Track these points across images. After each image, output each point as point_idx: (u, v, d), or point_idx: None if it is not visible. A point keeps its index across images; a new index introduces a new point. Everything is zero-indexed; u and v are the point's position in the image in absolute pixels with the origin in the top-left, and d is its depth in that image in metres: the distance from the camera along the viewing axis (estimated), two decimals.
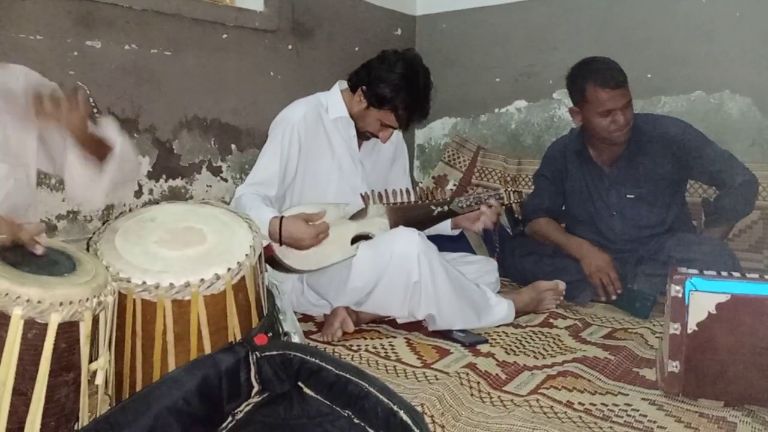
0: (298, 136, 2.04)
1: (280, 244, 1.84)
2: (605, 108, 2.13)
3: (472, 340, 1.83)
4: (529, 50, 3.25)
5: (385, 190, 2.02)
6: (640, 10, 2.91)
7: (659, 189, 2.26)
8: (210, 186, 2.59)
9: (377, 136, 2.07)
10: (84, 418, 1.13)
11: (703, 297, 1.40)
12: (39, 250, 1.12)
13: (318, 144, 2.09)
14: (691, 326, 1.41)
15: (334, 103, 2.12)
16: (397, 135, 2.33)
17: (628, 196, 2.29)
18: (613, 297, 2.18)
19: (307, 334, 1.91)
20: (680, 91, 2.84)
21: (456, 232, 2.19)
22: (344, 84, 2.11)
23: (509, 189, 2.08)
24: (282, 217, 1.84)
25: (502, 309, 2.00)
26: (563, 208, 2.49)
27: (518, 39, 3.28)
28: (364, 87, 1.99)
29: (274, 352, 1.26)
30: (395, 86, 1.94)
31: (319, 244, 1.86)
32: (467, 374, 1.58)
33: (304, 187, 2.10)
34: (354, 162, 2.14)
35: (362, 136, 2.12)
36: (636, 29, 2.91)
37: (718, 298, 1.39)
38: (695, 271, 1.47)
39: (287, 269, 1.89)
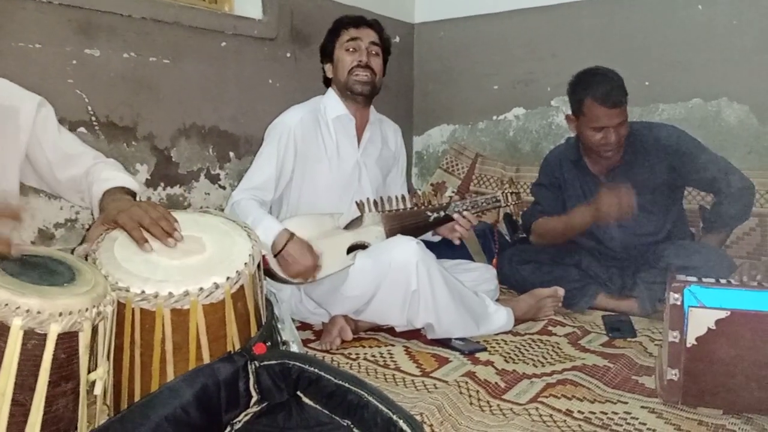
0: (294, 139, 2.05)
1: (275, 256, 1.84)
2: (599, 124, 2.13)
3: (471, 348, 1.83)
4: (527, 58, 3.26)
5: (381, 198, 2.02)
6: (638, 18, 2.92)
7: (656, 197, 2.27)
8: (208, 194, 2.59)
9: (359, 68, 2.07)
10: (82, 429, 1.13)
11: (702, 313, 1.40)
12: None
13: (316, 147, 2.09)
14: (691, 341, 1.41)
15: (332, 103, 2.13)
16: (397, 138, 2.34)
17: None
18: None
19: (305, 342, 1.91)
20: (678, 98, 2.85)
21: (437, 238, 2.19)
22: None
23: (506, 191, 2.08)
24: (292, 234, 1.84)
25: (501, 317, 2.00)
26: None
27: (517, 47, 3.29)
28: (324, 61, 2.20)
29: (273, 362, 1.26)
30: (328, 32, 2.16)
31: (304, 279, 1.87)
32: (466, 383, 1.58)
33: (302, 190, 2.11)
34: (353, 163, 2.15)
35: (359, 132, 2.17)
36: (634, 37, 2.93)
37: (717, 315, 1.39)
38: (694, 279, 1.47)
39: (284, 281, 1.89)
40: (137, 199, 1.49)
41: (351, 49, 2.08)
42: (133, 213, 1.32)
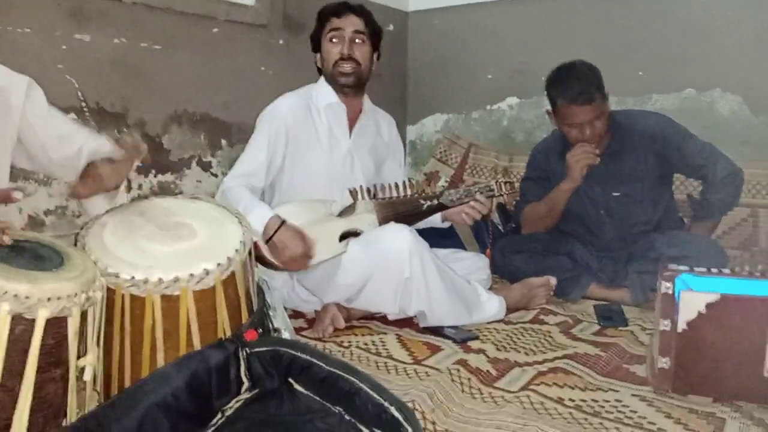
0: (285, 127, 2.04)
1: (266, 243, 1.83)
2: (572, 121, 2.15)
3: (463, 337, 1.83)
4: (521, 47, 3.25)
5: (374, 185, 2.02)
6: (632, 9, 2.91)
7: (645, 186, 2.27)
8: (200, 181, 2.57)
9: (342, 60, 2.05)
10: (72, 415, 1.12)
11: (693, 296, 1.41)
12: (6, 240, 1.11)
13: (307, 135, 2.08)
14: (682, 325, 1.42)
15: (323, 90, 2.12)
16: (391, 129, 2.33)
17: (613, 194, 2.29)
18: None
19: (297, 330, 1.91)
20: (672, 89, 2.85)
21: (447, 224, 2.19)
22: None
23: (500, 180, 2.08)
24: (284, 221, 1.83)
25: (493, 305, 2.00)
26: None
27: (511, 36, 3.28)
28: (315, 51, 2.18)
29: (264, 348, 1.26)
30: (316, 21, 2.14)
31: (295, 267, 1.86)
32: (458, 370, 1.58)
33: (293, 177, 2.10)
34: (345, 151, 2.13)
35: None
36: (628, 28, 2.92)
37: (708, 298, 1.40)
38: (686, 268, 1.47)
39: (275, 267, 1.89)
40: None
41: (334, 40, 2.06)
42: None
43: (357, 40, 2.06)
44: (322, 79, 2.15)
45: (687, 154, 2.19)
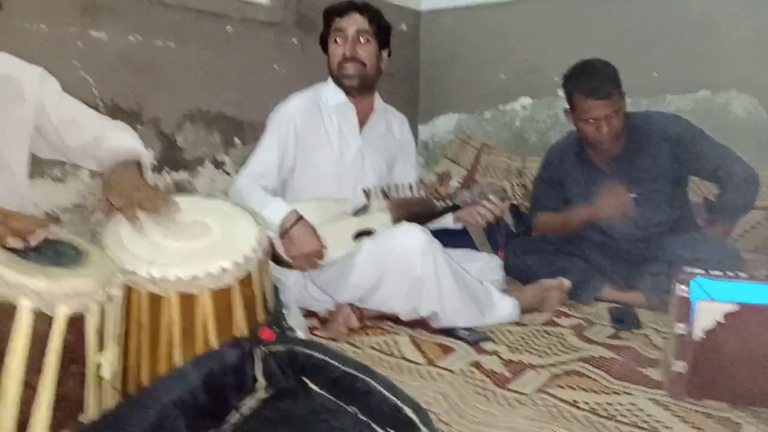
0: (295, 126, 2.05)
1: (281, 237, 1.84)
2: (589, 116, 2.14)
3: (476, 338, 1.83)
4: (533, 47, 3.24)
5: (387, 185, 2.02)
6: (646, 8, 2.90)
7: (660, 188, 2.25)
8: (213, 180, 2.58)
9: (345, 61, 2.04)
10: (90, 411, 1.12)
11: (711, 306, 1.39)
12: (32, 241, 1.10)
13: (316, 134, 2.08)
14: (698, 333, 1.41)
15: (332, 90, 2.12)
16: (403, 128, 2.33)
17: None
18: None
19: (310, 329, 1.90)
20: (686, 89, 2.84)
21: (459, 225, 2.18)
22: None
23: (513, 182, 2.07)
24: (301, 216, 1.84)
25: (506, 307, 2.00)
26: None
27: (523, 36, 3.27)
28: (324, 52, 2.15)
29: (280, 348, 1.25)
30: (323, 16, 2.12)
31: (306, 265, 1.88)
32: (472, 372, 1.58)
33: (303, 177, 2.10)
34: (355, 151, 2.13)
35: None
36: (642, 27, 2.91)
37: (726, 308, 1.38)
38: (701, 271, 1.47)
39: (288, 266, 1.89)
40: (144, 164, 1.49)
41: (338, 41, 2.05)
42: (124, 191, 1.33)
43: (361, 40, 2.04)
44: (330, 78, 2.14)
45: (703, 156, 2.18)
